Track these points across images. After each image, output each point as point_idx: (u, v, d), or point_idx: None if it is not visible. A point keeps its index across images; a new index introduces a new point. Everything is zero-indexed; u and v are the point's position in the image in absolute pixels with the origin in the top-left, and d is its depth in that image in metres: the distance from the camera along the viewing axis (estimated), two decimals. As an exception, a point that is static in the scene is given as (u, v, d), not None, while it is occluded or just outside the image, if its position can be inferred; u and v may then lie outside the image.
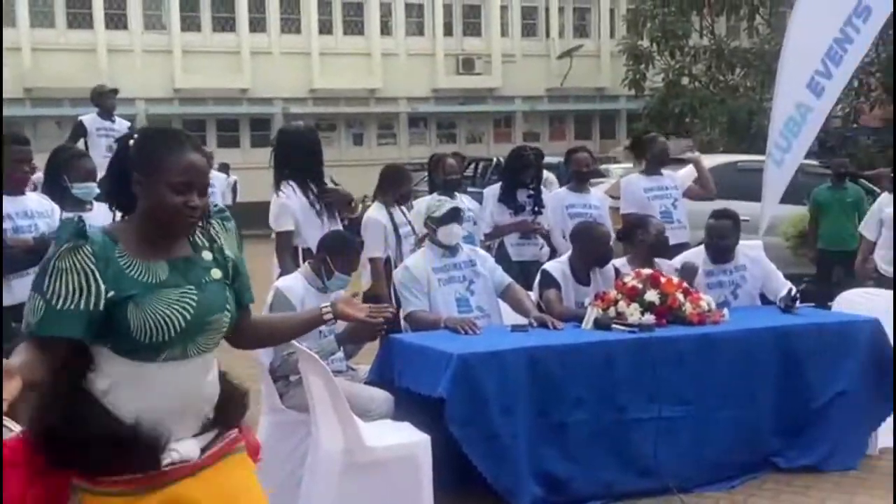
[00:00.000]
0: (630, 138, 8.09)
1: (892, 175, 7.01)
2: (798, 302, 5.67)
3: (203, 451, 2.48)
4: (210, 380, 2.53)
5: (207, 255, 2.56)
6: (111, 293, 2.33)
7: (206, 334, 2.48)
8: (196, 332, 2.44)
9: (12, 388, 2.08)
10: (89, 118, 9.91)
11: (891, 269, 7.08)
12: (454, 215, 5.43)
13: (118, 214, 2.52)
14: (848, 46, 7.88)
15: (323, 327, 4.75)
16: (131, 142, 2.49)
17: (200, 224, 2.55)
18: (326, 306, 2.86)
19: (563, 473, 4.72)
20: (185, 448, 2.43)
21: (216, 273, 2.55)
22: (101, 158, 9.31)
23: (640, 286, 5.24)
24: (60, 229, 2.41)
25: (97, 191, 5.38)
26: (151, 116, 25.78)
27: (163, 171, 2.40)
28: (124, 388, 2.38)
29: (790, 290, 5.69)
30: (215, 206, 2.66)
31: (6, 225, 4.58)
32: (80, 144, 9.32)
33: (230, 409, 2.58)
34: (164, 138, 2.48)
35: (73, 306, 2.29)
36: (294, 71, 27.19)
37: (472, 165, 18.13)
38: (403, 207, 6.52)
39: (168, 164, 2.41)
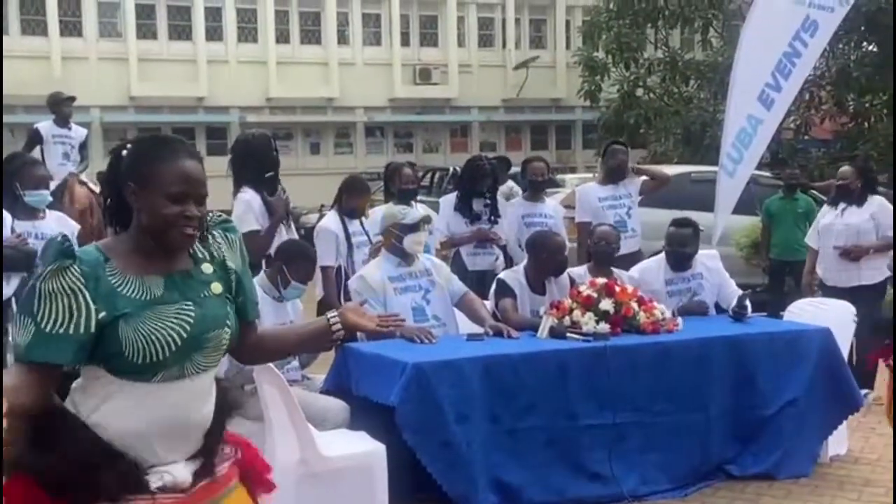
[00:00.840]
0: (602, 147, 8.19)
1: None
2: (749, 309, 5.74)
3: (195, 476, 2.34)
4: (209, 402, 2.40)
5: (207, 269, 2.43)
6: (102, 314, 2.21)
7: (205, 352, 2.35)
8: (193, 349, 2.31)
9: None
10: (45, 125, 9.83)
11: (830, 278, 7.28)
12: (425, 223, 5.47)
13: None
14: (796, 60, 8.07)
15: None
16: (124, 152, 2.37)
17: (200, 234, 2.42)
18: (334, 315, 2.64)
19: (518, 481, 4.74)
20: (177, 471, 2.30)
21: (216, 287, 2.41)
22: (56, 166, 9.28)
23: (594, 295, 5.28)
24: (46, 249, 2.29)
25: (49, 198, 5.35)
26: (106, 124, 25.56)
27: (157, 181, 2.29)
28: (114, 407, 2.26)
29: (740, 297, 5.77)
30: (218, 215, 2.54)
31: None
32: (36, 152, 9.25)
33: (217, 429, 2.43)
34: (158, 146, 2.36)
35: (62, 330, 2.18)
36: (251, 80, 27.07)
37: (429, 175, 18.15)
38: (363, 217, 6.52)
39: (163, 173, 2.29)
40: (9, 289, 4.72)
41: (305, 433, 4.18)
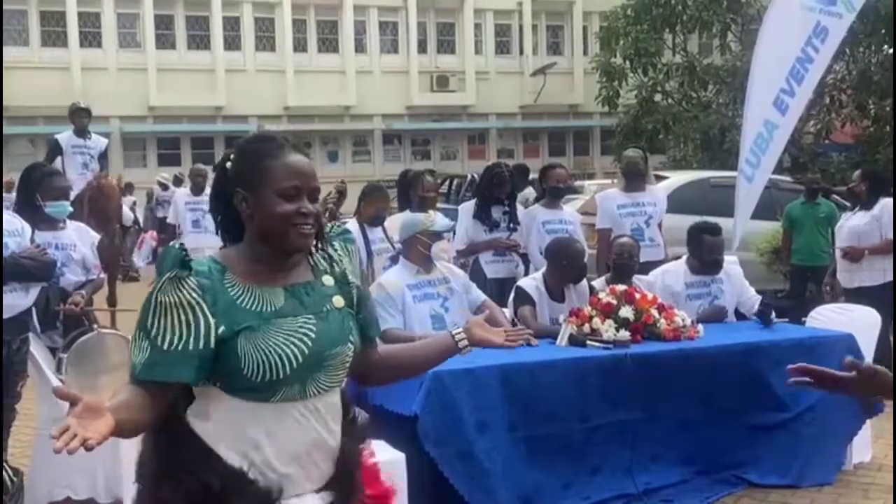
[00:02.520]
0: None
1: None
2: (773, 313, 5.73)
3: None
4: (334, 424, 2.23)
5: (329, 281, 2.27)
6: (221, 328, 2.07)
7: (328, 370, 2.18)
8: (315, 367, 2.15)
9: (102, 427, 1.82)
10: (65, 136, 9.96)
11: (840, 280, 7.50)
12: (448, 230, 5.48)
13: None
14: (808, 66, 8.15)
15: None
16: (228, 163, 2.23)
17: (319, 244, 2.28)
18: (460, 332, 2.50)
19: (540, 489, 4.71)
20: (307, 502, 2.16)
21: (338, 301, 2.25)
22: (76, 175, 9.40)
23: (614, 302, 5.25)
24: (162, 259, 2.13)
25: (70, 209, 5.37)
26: (126, 134, 25.73)
27: (268, 179, 2.14)
28: (233, 430, 2.12)
29: (763, 304, 5.76)
30: (338, 225, 2.42)
31: None
32: (57, 163, 9.35)
33: (350, 457, 2.28)
34: (262, 145, 2.21)
35: (180, 346, 2.04)
36: (268, 88, 27.19)
37: (447, 182, 18.14)
38: (384, 224, 6.53)
39: (272, 171, 2.15)
40: (28, 299, 4.72)
41: (325, 442, 4.16)
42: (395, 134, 29.63)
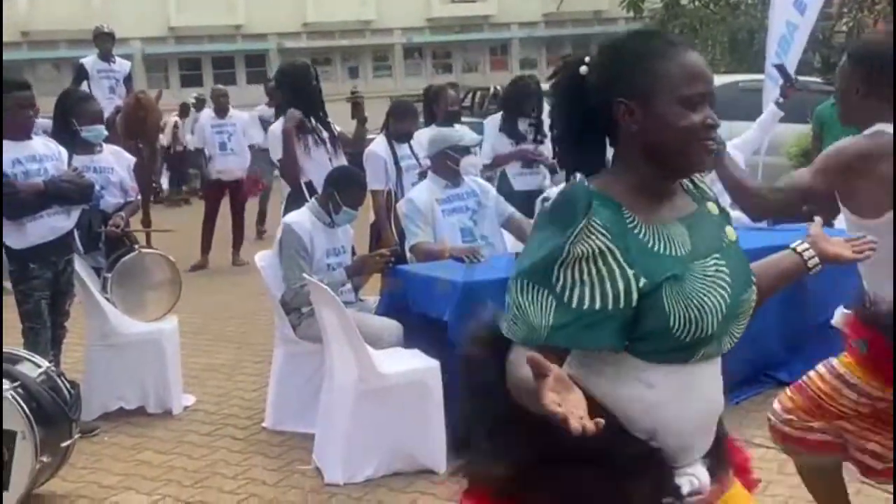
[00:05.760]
0: None
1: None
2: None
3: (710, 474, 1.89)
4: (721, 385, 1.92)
5: (713, 209, 1.93)
6: (643, 281, 1.71)
7: (739, 319, 1.87)
8: (732, 317, 1.82)
9: (580, 401, 1.47)
10: (90, 61, 10.02)
11: None
12: (476, 144, 5.57)
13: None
14: None
15: (332, 260, 4.89)
16: (583, 67, 1.87)
17: None
18: (808, 249, 2.19)
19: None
20: (700, 473, 1.85)
21: (731, 233, 1.91)
22: (104, 100, 9.47)
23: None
24: (567, 201, 1.75)
25: (105, 133, 5.49)
26: (148, 56, 25.70)
27: (666, 85, 1.75)
28: (630, 397, 1.78)
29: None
30: None
31: (16, 170, 4.67)
32: (84, 86, 9.43)
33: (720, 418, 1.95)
34: (648, 43, 1.82)
35: (597, 305, 1.68)
36: (287, 5, 27.00)
37: (470, 95, 18.06)
38: (411, 142, 6.59)
39: (670, 74, 1.75)
40: (70, 221, 4.89)
41: (362, 352, 4.30)
42: (415, 48, 29.43)
